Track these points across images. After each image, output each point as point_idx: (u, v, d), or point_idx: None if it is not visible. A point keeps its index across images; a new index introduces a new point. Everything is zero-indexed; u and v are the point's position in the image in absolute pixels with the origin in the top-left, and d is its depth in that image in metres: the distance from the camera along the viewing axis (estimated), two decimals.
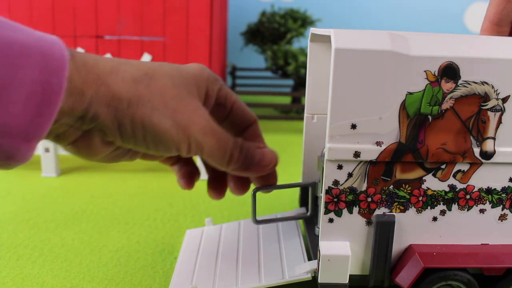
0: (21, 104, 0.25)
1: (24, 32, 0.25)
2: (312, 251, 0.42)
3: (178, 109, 0.31)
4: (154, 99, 0.30)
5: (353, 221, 0.35)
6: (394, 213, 0.35)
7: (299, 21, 1.29)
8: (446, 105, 0.33)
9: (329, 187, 0.34)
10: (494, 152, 0.34)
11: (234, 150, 0.34)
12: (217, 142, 0.33)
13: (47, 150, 0.73)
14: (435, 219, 0.36)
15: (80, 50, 0.98)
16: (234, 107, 0.37)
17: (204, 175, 0.76)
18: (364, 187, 0.34)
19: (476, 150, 0.34)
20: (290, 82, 1.42)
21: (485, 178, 0.35)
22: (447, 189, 0.35)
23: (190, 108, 0.32)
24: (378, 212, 0.35)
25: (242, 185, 0.40)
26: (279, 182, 0.45)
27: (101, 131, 0.30)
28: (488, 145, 0.34)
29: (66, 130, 0.29)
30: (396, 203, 0.35)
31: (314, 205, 0.45)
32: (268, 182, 0.40)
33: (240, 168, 0.35)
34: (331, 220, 0.35)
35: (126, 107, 0.29)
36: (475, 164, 0.34)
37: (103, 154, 0.32)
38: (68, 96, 0.27)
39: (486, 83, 0.32)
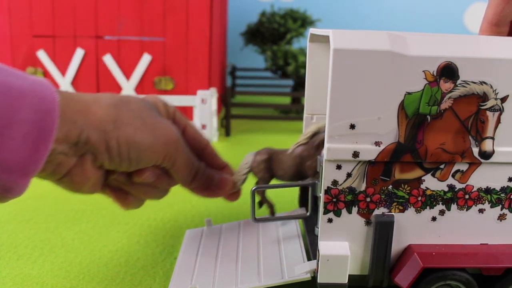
0: (20, 141, 0.27)
1: (19, 77, 0.28)
2: (311, 251, 0.42)
3: (155, 127, 0.36)
4: (133, 119, 0.35)
5: (352, 221, 0.35)
6: (393, 213, 0.35)
7: (299, 21, 1.29)
8: (444, 105, 0.33)
9: (328, 187, 0.34)
10: (493, 152, 0.34)
11: (198, 170, 0.41)
12: (187, 159, 0.39)
13: None
14: (434, 219, 0.36)
15: (80, 50, 0.98)
16: (186, 129, 0.43)
17: None
18: (363, 187, 0.34)
19: (475, 150, 0.34)
20: (290, 82, 1.42)
21: (484, 178, 0.35)
22: (446, 189, 0.35)
23: (164, 125, 0.37)
24: (377, 212, 0.35)
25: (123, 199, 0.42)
26: (279, 182, 0.45)
27: (93, 155, 0.33)
28: (487, 145, 0.34)
29: (61, 161, 0.32)
30: (395, 203, 0.35)
31: (314, 205, 0.45)
32: (231, 199, 0.46)
33: (200, 187, 0.42)
34: (330, 220, 0.35)
35: (112, 129, 0.33)
36: (474, 164, 0.34)
37: (93, 180, 0.35)
38: (62, 126, 0.30)
39: (485, 83, 0.32)
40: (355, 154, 0.33)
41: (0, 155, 0.27)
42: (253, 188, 0.42)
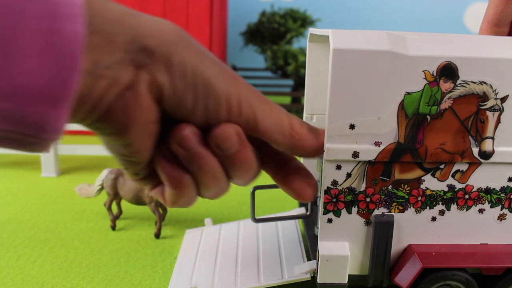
0: (36, 59, 0.20)
1: None
2: (311, 251, 0.42)
3: (220, 61, 0.28)
4: (197, 44, 0.27)
5: (352, 221, 0.35)
6: (393, 213, 0.35)
7: (299, 21, 1.29)
8: (444, 105, 0.33)
9: (328, 187, 0.34)
10: (493, 151, 0.34)
11: (292, 119, 0.30)
12: (269, 104, 0.29)
13: None
14: (434, 219, 0.36)
15: None
16: None
17: None
18: (362, 187, 0.34)
19: (475, 150, 0.34)
20: (290, 82, 1.42)
21: (484, 178, 0.35)
22: (446, 189, 0.35)
23: (228, 67, 0.28)
24: (377, 212, 0.35)
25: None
26: None
27: (150, 73, 0.25)
28: (487, 145, 0.34)
29: (113, 76, 0.24)
30: (395, 203, 0.35)
31: (314, 205, 0.45)
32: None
33: (308, 145, 0.30)
34: (330, 220, 0.35)
35: (175, 43, 0.25)
36: (474, 164, 0.34)
37: (146, 114, 0.26)
38: (100, 28, 0.23)
39: (485, 82, 0.32)
40: (355, 154, 0.33)
41: (14, 81, 0.20)
42: (252, 188, 0.42)
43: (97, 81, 0.24)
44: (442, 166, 0.34)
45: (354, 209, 0.35)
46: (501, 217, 0.36)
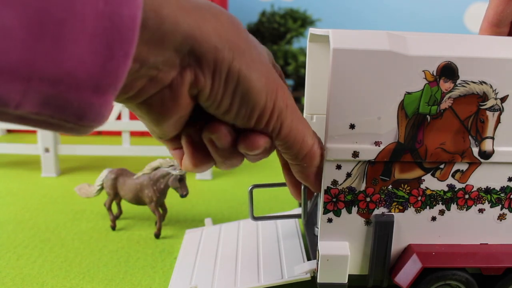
0: (86, 44, 0.19)
1: None
2: (311, 251, 0.42)
3: (269, 72, 0.28)
4: (251, 52, 0.26)
5: (352, 221, 0.35)
6: (393, 213, 0.35)
7: (299, 21, 1.29)
8: (444, 105, 0.33)
9: (328, 187, 0.34)
10: (493, 151, 0.34)
11: (315, 141, 0.32)
12: (299, 121, 0.30)
13: (47, 150, 0.74)
14: (434, 218, 0.36)
15: None
16: None
17: (202, 175, 0.75)
18: (363, 187, 0.34)
19: (475, 150, 0.34)
20: (290, 82, 1.42)
21: (484, 177, 0.35)
22: (446, 189, 0.35)
23: (275, 76, 0.29)
24: (377, 212, 0.35)
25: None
26: (277, 180, 0.45)
27: (194, 74, 0.24)
28: (487, 145, 0.34)
29: (157, 75, 0.24)
30: (395, 203, 0.35)
31: (314, 206, 0.45)
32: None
33: (314, 172, 0.33)
34: (330, 220, 0.35)
35: (227, 50, 0.25)
36: (474, 164, 0.34)
37: (182, 112, 0.26)
38: (154, 25, 0.22)
39: (485, 82, 0.32)
40: (355, 154, 0.33)
41: (60, 66, 0.19)
42: (250, 187, 0.42)
43: (139, 79, 0.23)
44: (442, 166, 0.34)
45: (354, 209, 0.35)
46: (501, 217, 0.36)
